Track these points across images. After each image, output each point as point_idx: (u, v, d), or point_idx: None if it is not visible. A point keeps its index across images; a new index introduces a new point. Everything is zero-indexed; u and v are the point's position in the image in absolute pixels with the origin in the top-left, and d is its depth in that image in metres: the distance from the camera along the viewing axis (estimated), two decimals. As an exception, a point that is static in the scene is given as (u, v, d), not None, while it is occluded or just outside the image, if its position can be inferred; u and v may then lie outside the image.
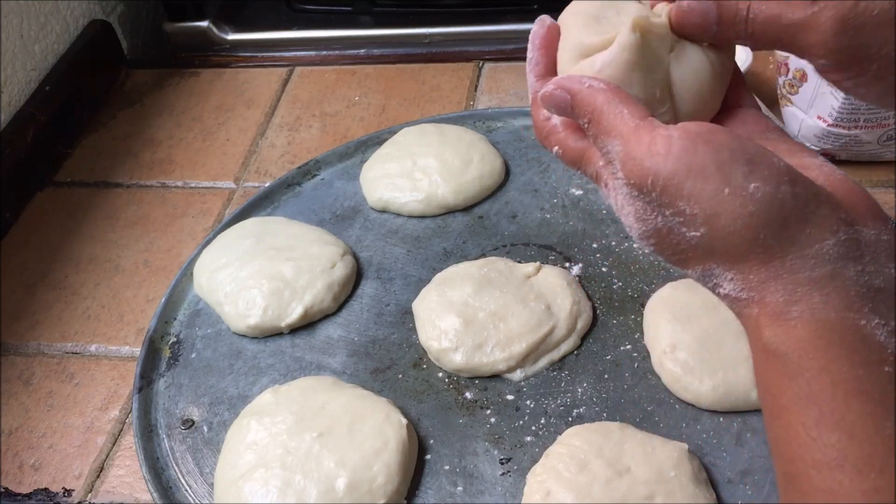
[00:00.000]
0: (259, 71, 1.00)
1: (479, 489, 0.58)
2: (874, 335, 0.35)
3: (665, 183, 0.37)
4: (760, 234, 0.36)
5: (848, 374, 0.34)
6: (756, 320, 0.37)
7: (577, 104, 0.41)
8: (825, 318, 0.35)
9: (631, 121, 0.39)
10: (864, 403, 0.34)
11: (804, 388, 0.35)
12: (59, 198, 0.87)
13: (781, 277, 0.36)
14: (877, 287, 0.36)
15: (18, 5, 0.89)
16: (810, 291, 0.36)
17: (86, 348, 0.72)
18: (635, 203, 0.39)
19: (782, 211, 0.36)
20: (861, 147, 0.75)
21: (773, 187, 0.36)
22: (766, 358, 0.37)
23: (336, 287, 0.70)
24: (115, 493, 0.63)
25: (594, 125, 0.40)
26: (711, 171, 0.36)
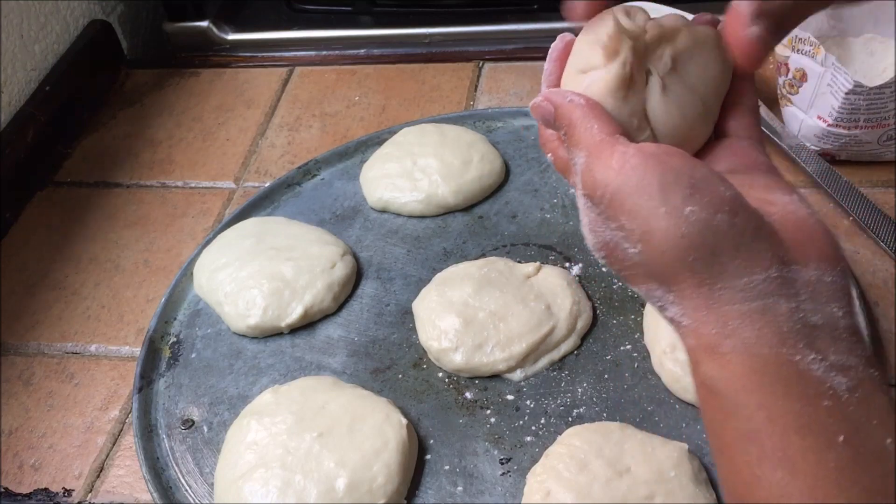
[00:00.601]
0: (259, 71, 1.00)
1: (479, 489, 0.58)
2: (810, 370, 0.35)
3: (612, 196, 0.38)
4: (690, 257, 0.36)
5: (785, 409, 0.34)
6: (694, 354, 0.37)
7: (558, 117, 0.42)
8: (758, 354, 0.35)
9: (598, 135, 0.40)
10: (804, 438, 0.34)
11: (744, 426, 0.35)
12: (59, 198, 0.87)
13: (712, 308, 0.36)
14: (813, 324, 0.36)
15: (18, 5, 0.89)
16: (742, 325, 0.36)
17: (86, 348, 0.72)
18: (589, 214, 0.40)
19: (714, 238, 0.36)
20: (861, 147, 0.75)
21: (709, 214, 0.36)
22: (706, 394, 0.37)
23: (336, 287, 0.70)
24: (115, 493, 0.63)
25: (568, 137, 0.42)
26: (653, 190, 0.37)
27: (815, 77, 0.74)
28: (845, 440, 0.34)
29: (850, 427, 0.34)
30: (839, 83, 0.72)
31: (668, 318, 0.39)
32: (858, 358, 0.36)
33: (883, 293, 0.67)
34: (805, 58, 0.74)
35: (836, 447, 0.34)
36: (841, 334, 0.36)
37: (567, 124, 0.42)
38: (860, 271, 0.69)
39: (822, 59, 0.73)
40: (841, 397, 0.35)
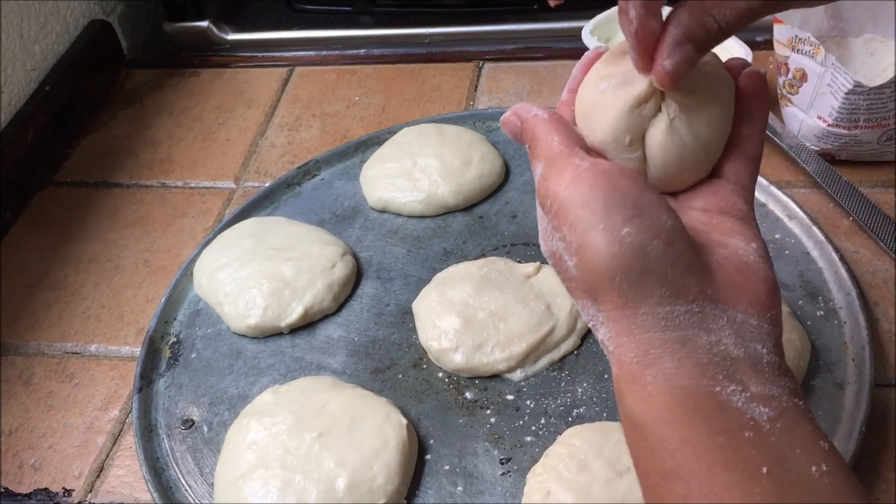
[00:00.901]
0: (259, 71, 1.00)
1: (479, 489, 0.58)
2: (731, 401, 0.35)
3: (558, 206, 0.39)
4: (617, 277, 0.36)
5: (709, 444, 0.34)
6: (617, 384, 0.37)
7: (524, 131, 0.43)
8: (679, 385, 0.35)
9: (556, 147, 0.41)
10: (730, 472, 0.34)
11: (668, 462, 0.35)
12: (59, 198, 0.87)
13: (633, 334, 0.36)
14: (733, 357, 0.36)
15: (18, 5, 0.89)
16: (662, 355, 0.36)
17: (86, 348, 0.72)
18: (542, 222, 0.41)
19: (645, 263, 0.36)
20: (861, 147, 0.75)
21: (645, 238, 0.36)
22: (631, 429, 0.37)
23: (336, 287, 0.70)
24: (115, 493, 0.63)
25: (531, 150, 0.43)
26: (597, 206, 0.37)
27: (815, 77, 0.74)
28: (769, 471, 0.33)
29: (773, 458, 0.34)
30: (839, 83, 0.72)
31: (601, 340, 0.39)
32: (782, 388, 0.36)
33: (883, 293, 0.67)
34: (805, 58, 0.74)
35: (760, 479, 0.33)
36: (763, 367, 0.36)
37: (531, 138, 0.43)
38: (860, 271, 0.69)
39: (822, 59, 0.73)
40: (763, 428, 0.34)
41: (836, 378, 0.61)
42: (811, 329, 0.64)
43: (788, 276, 0.68)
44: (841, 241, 0.71)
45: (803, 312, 0.65)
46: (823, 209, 0.74)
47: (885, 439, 0.58)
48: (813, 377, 0.61)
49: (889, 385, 0.62)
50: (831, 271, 0.68)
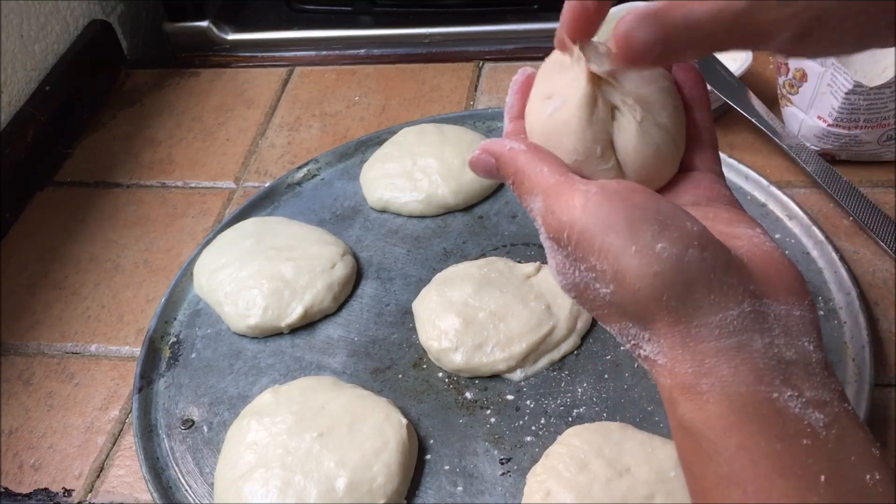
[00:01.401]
0: (259, 71, 1.00)
1: (479, 489, 0.58)
2: (788, 408, 0.34)
3: (579, 237, 0.37)
4: (664, 295, 0.36)
5: (767, 451, 0.34)
6: (670, 393, 0.37)
7: (501, 167, 0.42)
8: (736, 393, 0.34)
9: (551, 177, 0.39)
10: (788, 480, 0.33)
11: (725, 469, 0.34)
12: (59, 198, 0.87)
13: (688, 346, 0.36)
14: (787, 359, 0.35)
15: (18, 5, 0.89)
16: (718, 363, 0.35)
17: (86, 348, 0.72)
18: (556, 256, 0.39)
19: (688, 274, 0.36)
20: (861, 147, 0.75)
21: (680, 249, 0.36)
22: (684, 436, 0.36)
23: (336, 287, 0.70)
24: (115, 493, 0.63)
25: (517, 186, 0.41)
26: (621, 228, 0.36)
27: (815, 77, 0.74)
28: (826, 480, 0.33)
29: (830, 465, 0.33)
30: (839, 83, 0.72)
31: (643, 356, 0.38)
32: (833, 392, 0.35)
33: (883, 293, 0.67)
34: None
35: (818, 488, 0.33)
36: (814, 369, 0.36)
37: (513, 172, 0.41)
38: (860, 271, 0.69)
39: (822, 58, 0.73)
40: (819, 434, 0.34)
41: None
42: (811, 329, 0.64)
43: (788, 276, 0.68)
44: (841, 241, 0.71)
45: (803, 312, 0.65)
46: (823, 209, 0.74)
47: (885, 439, 0.58)
48: (813, 377, 0.61)
49: (889, 385, 0.62)
50: (831, 271, 0.68)
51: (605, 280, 0.37)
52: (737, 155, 0.77)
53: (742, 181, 0.76)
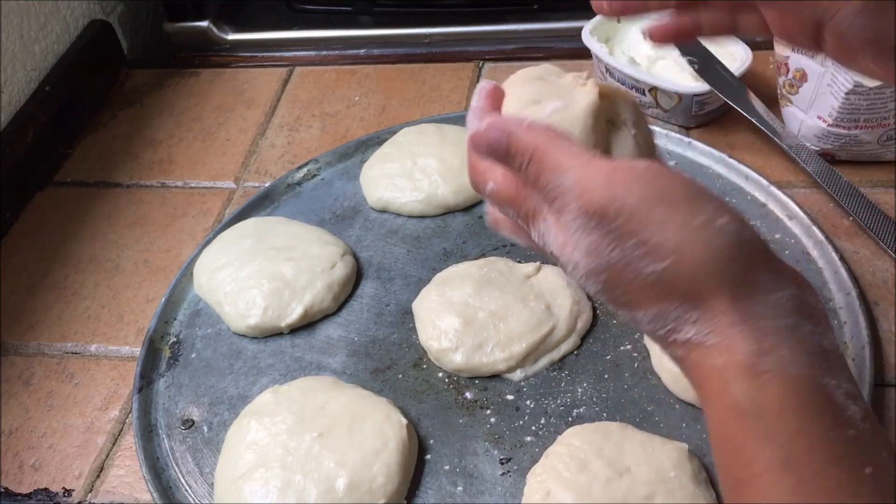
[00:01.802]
0: (259, 71, 1.00)
1: (479, 489, 0.58)
2: (835, 396, 0.34)
3: (633, 210, 0.36)
4: (730, 269, 0.35)
5: (824, 438, 0.33)
6: (722, 373, 0.35)
7: (514, 143, 0.40)
8: (796, 374, 0.34)
9: (583, 153, 0.38)
10: (842, 470, 0.33)
11: (779, 453, 0.33)
12: (59, 198, 0.87)
13: (748, 322, 0.35)
14: (826, 348, 0.35)
15: (18, 5, 0.89)
16: (779, 343, 0.35)
17: (86, 348, 0.72)
18: (589, 236, 0.37)
19: (748, 250, 0.36)
20: (861, 147, 0.75)
21: (738, 226, 0.36)
22: (736, 417, 0.35)
23: (336, 287, 0.70)
24: (115, 493, 0.63)
25: (536, 163, 0.39)
26: (681, 201, 0.36)
27: (815, 77, 0.74)
28: (872, 473, 0.33)
29: (873, 458, 0.33)
30: (839, 83, 0.72)
31: (684, 341, 0.36)
32: (857, 387, 0.36)
33: (883, 293, 0.67)
34: (805, 58, 0.74)
35: (867, 481, 0.33)
36: (843, 362, 0.36)
37: (532, 150, 0.39)
38: (860, 271, 0.69)
39: (822, 58, 0.73)
40: (859, 426, 0.34)
41: (836, 378, 0.61)
42: (811, 329, 0.64)
43: (788, 276, 0.68)
44: (841, 241, 0.71)
45: (803, 312, 0.65)
46: (823, 209, 0.74)
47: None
48: (813, 377, 0.61)
49: (889, 385, 0.62)
50: (831, 271, 0.68)
51: (659, 255, 0.36)
52: (737, 155, 0.77)
53: (742, 181, 0.76)
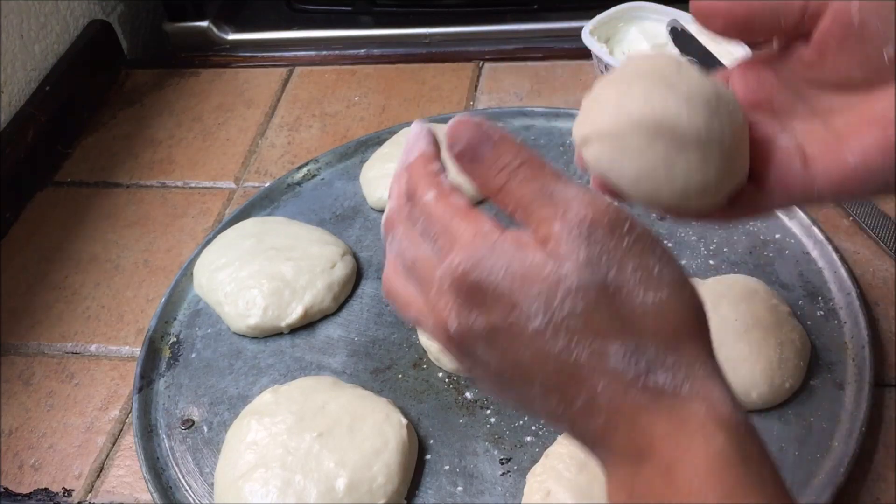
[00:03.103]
0: (259, 71, 1.00)
1: (479, 489, 0.58)
2: None
3: (642, 233, 0.35)
4: (704, 320, 0.36)
5: (778, 478, 0.34)
6: (704, 423, 0.34)
7: (505, 141, 0.37)
8: (745, 422, 0.35)
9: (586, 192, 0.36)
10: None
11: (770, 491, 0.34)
12: (59, 198, 0.87)
13: (720, 375, 0.35)
14: None
15: (18, 5, 0.89)
16: (727, 393, 0.35)
17: (86, 348, 0.72)
18: (589, 248, 0.34)
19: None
20: (861, 147, 0.75)
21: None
22: (724, 466, 0.33)
23: (336, 287, 0.70)
24: (115, 493, 0.63)
25: (527, 168, 0.36)
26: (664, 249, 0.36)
27: (815, 77, 0.74)
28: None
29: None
30: (839, 83, 0.71)
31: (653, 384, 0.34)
32: None
33: (883, 293, 0.67)
34: (805, 58, 0.74)
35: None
36: None
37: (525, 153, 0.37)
38: (860, 271, 0.69)
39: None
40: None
41: (836, 378, 0.61)
42: (811, 329, 0.64)
43: (788, 276, 0.68)
44: (841, 241, 0.71)
45: (803, 312, 0.65)
46: (823, 209, 0.74)
47: (885, 439, 0.58)
48: (813, 377, 0.61)
49: (889, 385, 0.62)
50: (831, 271, 0.68)
51: (659, 284, 0.34)
52: (737, 155, 0.77)
53: (742, 181, 0.76)
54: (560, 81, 0.92)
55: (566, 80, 0.92)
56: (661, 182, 0.41)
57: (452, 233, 0.36)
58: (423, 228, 0.38)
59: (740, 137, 0.41)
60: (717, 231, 0.72)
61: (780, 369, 0.59)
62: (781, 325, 0.61)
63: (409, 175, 0.40)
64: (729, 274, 0.67)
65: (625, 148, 0.40)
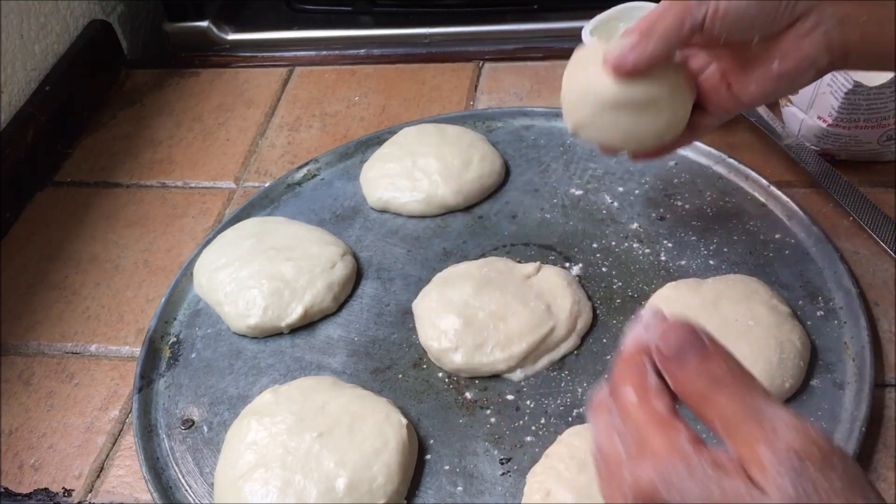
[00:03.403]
0: (259, 71, 1.00)
1: (479, 489, 0.58)
2: None
3: (849, 470, 0.32)
4: None
5: None
6: None
7: (711, 352, 0.36)
8: None
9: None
10: None
11: None
12: (59, 198, 0.87)
13: None
14: None
15: (18, 5, 0.89)
16: None
17: (86, 348, 0.72)
18: (791, 485, 0.32)
19: None
20: (861, 147, 0.75)
21: None
22: None
23: (336, 287, 0.70)
24: (115, 493, 0.63)
25: (736, 381, 0.35)
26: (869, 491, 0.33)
27: (815, 77, 0.74)
28: None
29: None
30: (839, 83, 0.72)
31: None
32: None
33: (883, 293, 0.67)
34: (805, 58, 0.74)
35: None
36: None
37: (734, 362, 0.36)
38: (860, 271, 0.69)
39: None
40: None
41: (836, 378, 0.61)
42: (811, 329, 0.64)
43: (788, 276, 0.68)
44: (841, 241, 0.71)
45: (803, 312, 0.65)
46: (823, 209, 0.74)
47: (885, 439, 0.58)
48: (813, 377, 0.61)
49: (889, 385, 0.62)
50: (831, 271, 0.68)
51: None
52: (737, 155, 0.77)
53: (742, 181, 0.76)
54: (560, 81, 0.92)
55: (566, 80, 0.92)
56: (639, 135, 0.58)
57: (648, 441, 0.35)
58: (619, 429, 0.37)
59: (676, 85, 0.57)
60: (717, 231, 0.72)
61: (780, 369, 0.59)
62: (781, 325, 0.61)
63: (618, 365, 0.38)
64: (729, 274, 0.67)
65: (602, 126, 0.58)
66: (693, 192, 0.76)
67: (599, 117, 0.58)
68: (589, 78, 0.57)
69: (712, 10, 0.52)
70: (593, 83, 0.57)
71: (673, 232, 0.72)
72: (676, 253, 0.71)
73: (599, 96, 0.57)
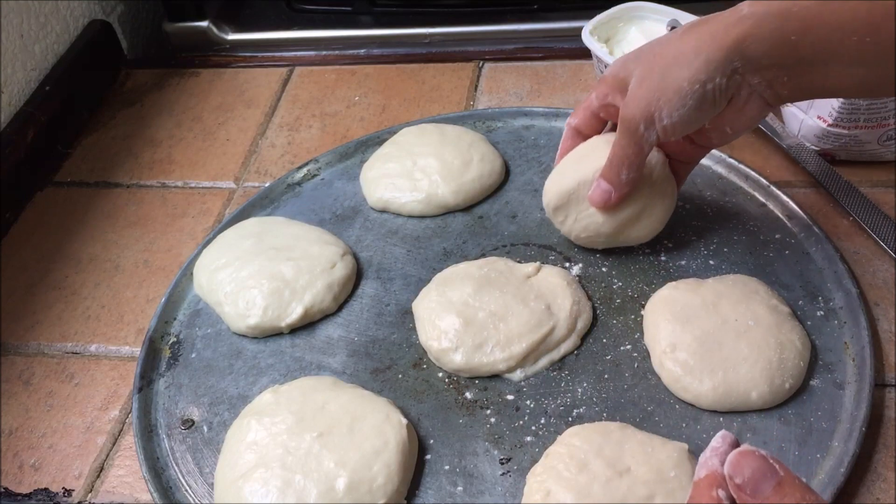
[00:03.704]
0: (259, 71, 1.00)
1: (479, 489, 0.58)
2: None
3: None
4: None
5: None
6: None
7: (785, 482, 0.37)
8: None
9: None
10: None
11: None
12: (59, 198, 0.87)
13: None
14: None
15: (18, 5, 0.89)
16: None
17: (86, 348, 0.72)
18: None
19: None
20: (861, 147, 0.75)
21: None
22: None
23: (336, 287, 0.70)
24: (115, 493, 0.63)
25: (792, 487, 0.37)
26: None
27: (815, 77, 0.74)
28: None
29: None
30: (839, 83, 0.72)
31: None
32: None
33: (883, 293, 0.67)
34: (805, 58, 0.74)
35: None
36: None
37: (806, 488, 0.38)
38: (860, 271, 0.69)
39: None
40: None
41: (836, 378, 0.61)
42: (811, 329, 0.64)
43: (788, 276, 0.68)
44: (841, 241, 0.71)
45: (803, 312, 0.65)
46: (823, 209, 0.74)
47: (885, 439, 0.58)
48: (813, 377, 0.61)
49: (889, 385, 0.62)
50: (831, 271, 0.68)
51: None
52: (737, 155, 0.77)
53: (742, 181, 0.76)
54: (560, 81, 0.92)
55: (566, 80, 0.92)
56: (629, 235, 0.70)
57: None
58: None
59: (653, 184, 0.67)
60: (717, 231, 0.72)
61: (780, 369, 0.59)
62: (781, 325, 0.61)
63: (693, 496, 0.40)
64: (729, 274, 0.67)
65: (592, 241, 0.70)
66: (693, 192, 0.76)
67: (571, 207, 0.69)
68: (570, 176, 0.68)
69: (661, 131, 0.60)
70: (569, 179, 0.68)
71: (673, 232, 0.72)
72: (676, 253, 0.71)
73: (595, 222, 0.68)
